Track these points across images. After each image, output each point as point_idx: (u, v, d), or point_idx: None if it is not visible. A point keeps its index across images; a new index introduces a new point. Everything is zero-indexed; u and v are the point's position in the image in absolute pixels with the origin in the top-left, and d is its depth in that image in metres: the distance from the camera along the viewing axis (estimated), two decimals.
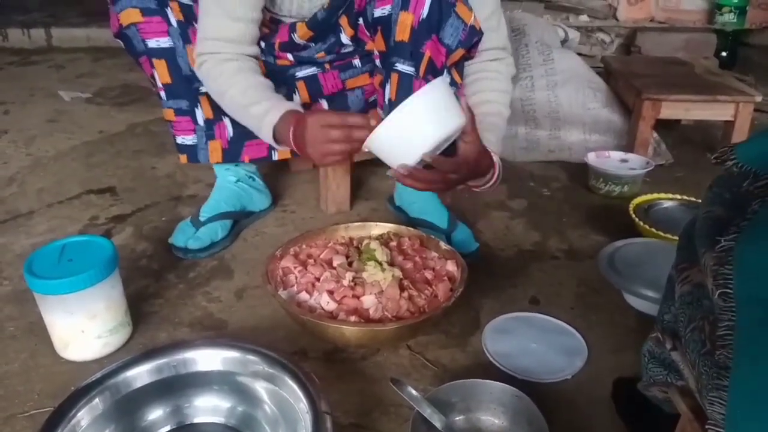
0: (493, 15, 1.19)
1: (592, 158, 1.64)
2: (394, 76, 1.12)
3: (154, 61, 1.19)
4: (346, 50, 1.28)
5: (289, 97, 1.28)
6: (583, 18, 2.59)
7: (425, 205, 1.40)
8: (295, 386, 0.78)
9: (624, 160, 1.66)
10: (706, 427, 0.54)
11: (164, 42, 1.18)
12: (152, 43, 1.18)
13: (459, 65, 1.17)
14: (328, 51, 1.26)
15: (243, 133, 1.27)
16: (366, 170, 1.68)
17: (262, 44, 1.22)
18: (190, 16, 1.20)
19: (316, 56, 1.26)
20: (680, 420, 0.69)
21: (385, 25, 1.11)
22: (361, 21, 1.19)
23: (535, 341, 1.05)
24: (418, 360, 1.02)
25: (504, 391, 0.87)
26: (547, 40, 1.89)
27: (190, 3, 1.20)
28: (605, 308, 1.16)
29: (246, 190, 1.43)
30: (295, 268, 1.11)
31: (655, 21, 2.65)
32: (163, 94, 1.23)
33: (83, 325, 0.98)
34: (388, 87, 1.14)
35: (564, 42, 2.11)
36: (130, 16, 1.16)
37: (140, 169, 1.74)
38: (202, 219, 1.33)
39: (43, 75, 2.70)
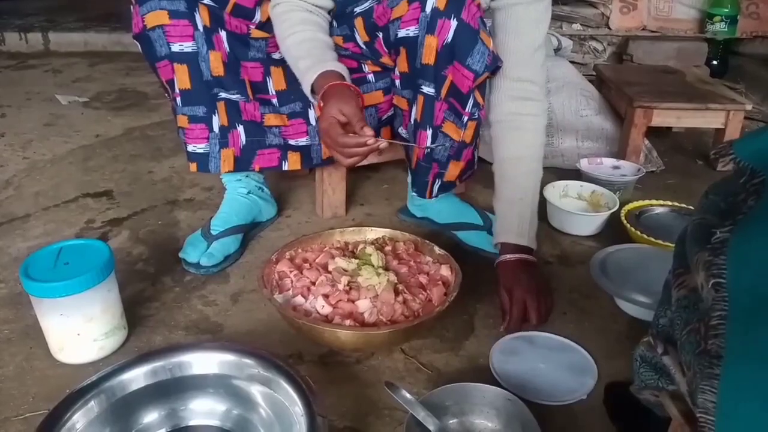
0: (540, 49, 1.21)
1: (584, 165, 1.66)
2: (420, 98, 1.17)
3: (176, 65, 1.18)
4: (357, 55, 1.28)
5: (304, 113, 1.30)
6: (576, 26, 2.62)
7: (454, 208, 1.42)
8: (290, 389, 0.79)
9: (616, 167, 1.68)
10: (697, 415, 0.54)
11: (188, 46, 1.17)
12: (176, 47, 1.17)
13: (481, 87, 1.18)
14: (345, 39, 1.27)
15: (256, 141, 1.29)
16: (361, 175, 1.70)
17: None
18: (217, 23, 1.20)
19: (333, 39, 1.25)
20: (671, 424, 0.70)
21: (410, 46, 1.13)
22: (380, 35, 1.20)
23: (542, 361, 1.02)
24: (413, 364, 1.03)
25: (497, 395, 0.88)
26: None
27: (219, 9, 1.20)
28: (597, 314, 1.17)
29: (256, 202, 1.41)
30: (290, 272, 1.12)
31: (647, 30, 2.68)
32: (179, 100, 1.22)
33: (79, 328, 0.99)
34: (414, 108, 1.19)
35: (557, 50, 2.13)
36: (157, 17, 1.15)
37: (137, 173, 1.75)
38: (213, 233, 1.30)
39: (40, 79, 2.70)
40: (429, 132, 1.18)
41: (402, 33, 1.13)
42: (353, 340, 1.00)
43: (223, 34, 1.22)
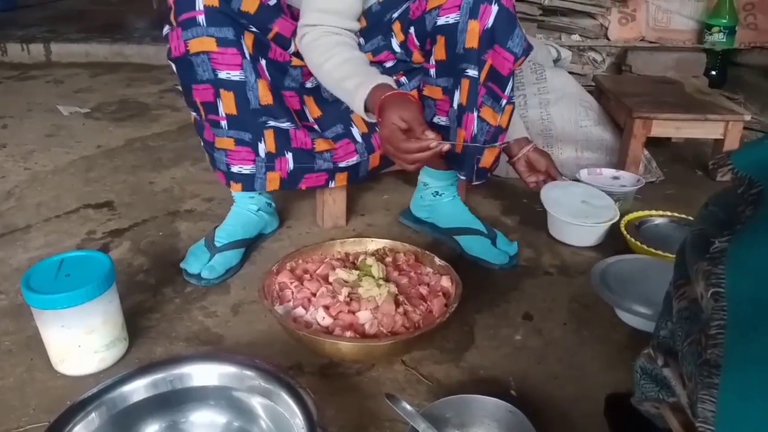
0: None
1: (584, 175, 1.66)
2: (465, 82, 1.17)
3: (222, 91, 1.17)
4: (390, 64, 1.29)
5: (347, 133, 1.31)
6: (575, 37, 2.62)
7: (460, 214, 1.43)
8: (291, 401, 0.79)
9: (616, 177, 1.68)
10: (697, 425, 0.54)
11: (236, 75, 1.16)
12: (223, 74, 1.16)
13: (514, 74, 1.21)
14: (374, 53, 1.28)
15: (304, 168, 1.30)
16: (361, 186, 1.70)
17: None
18: (259, 51, 1.20)
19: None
20: None
21: (450, 33, 1.15)
22: (412, 30, 1.22)
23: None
24: (413, 375, 1.03)
25: (498, 407, 0.88)
26: (540, 60, 1.92)
27: (263, 36, 1.20)
28: (598, 324, 1.17)
29: (263, 218, 1.41)
30: (291, 283, 1.12)
31: (646, 40, 2.69)
32: (223, 123, 1.21)
33: (80, 339, 0.99)
34: (457, 93, 1.20)
35: (556, 61, 2.14)
36: (203, 44, 1.13)
37: (138, 183, 1.75)
38: (217, 244, 1.30)
39: (42, 90, 2.71)
40: (475, 114, 1.19)
41: (441, 21, 1.14)
42: (354, 351, 1.00)
43: (263, 62, 1.21)
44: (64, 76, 2.90)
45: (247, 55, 1.17)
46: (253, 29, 1.19)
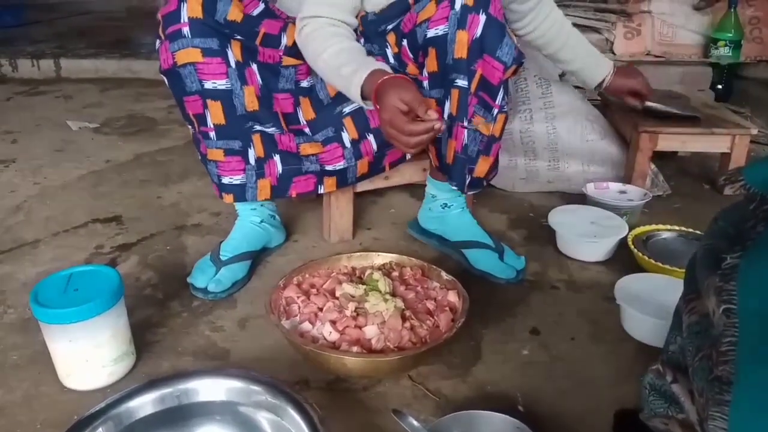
0: None
1: (590, 189, 1.66)
2: (455, 92, 1.18)
3: (209, 101, 1.19)
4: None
5: (338, 137, 1.32)
6: None
7: (468, 227, 1.43)
8: (297, 417, 0.79)
9: (622, 192, 1.68)
10: None
11: (222, 84, 1.18)
12: (209, 84, 1.17)
13: (506, 83, 1.22)
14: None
15: (292, 170, 1.30)
16: (367, 200, 1.70)
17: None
18: (248, 56, 1.21)
19: None
20: None
21: (440, 44, 1.16)
22: (405, 43, 1.23)
23: None
24: (420, 390, 1.03)
25: (505, 423, 0.88)
26: (546, 74, 1.93)
27: (251, 42, 1.21)
28: (605, 339, 1.16)
29: (267, 230, 1.42)
30: (298, 297, 1.12)
31: (651, 55, 2.70)
32: (212, 134, 1.23)
33: (88, 354, 0.99)
34: (447, 103, 1.21)
35: (562, 75, 2.15)
36: (189, 55, 1.15)
37: (146, 198, 1.76)
38: (223, 258, 1.31)
39: (51, 105, 2.74)
40: (465, 124, 1.20)
41: (431, 33, 1.16)
42: (360, 366, 1.00)
43: (254, 66, 1.23)
44: (73, 92, 2.94)
45: (233, 64, 1.19)
46: (239, 37, 1.20)
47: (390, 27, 1.26)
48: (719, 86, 2.68)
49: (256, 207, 1.41)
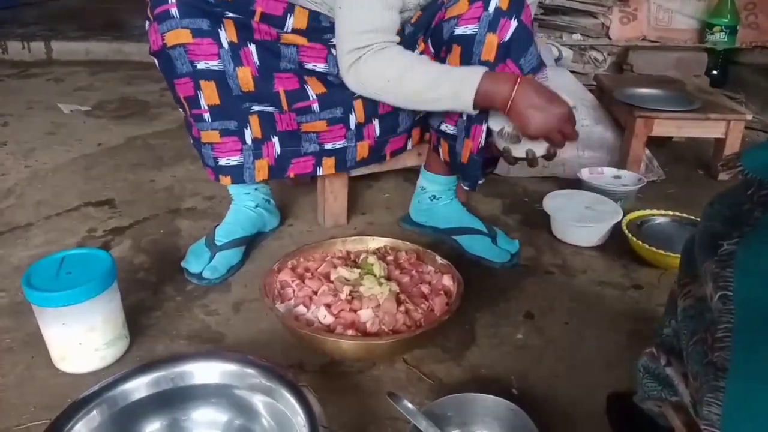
0: None
1: (585, 174, 1.66)
2: None
3: (202, 82, 1.16)
4: None
5: (344, 119, 1.30)
6: (576, 36, 2.62)
7: (459, 214, 1.43)
8: (292, 400, 0.79)
9: (617, 177, 1.68)
10: (702, 427, 0.54)
11: (214, 65, 1.15)
12: (201, 65, 1.15)
13: None
14: None
15: (291, 151, 1.29)
16: (362, 184, 1.70)
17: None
18: (244, 35, 1.18)
19: None
20: None
21: (466, 43, 1.15)
22: (429, 38, 1.22)
23: None
24: (414, 374, 1.03)
25: (498, 405, 0.88)
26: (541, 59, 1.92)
27: (246, 20, 1.17)
28: (598, 323, 1.17)
29: (262, 214, 1.41)
30: (292, 281, 1.12)
31: (647, 40, 2.69)
32: (207, 116, 1.20)
33: (81, 337, 0.99)
34: None
35: (558, 60, 2.14)
36: (179, 36, 1.12)
37: (138, 182, 1.75)
38: (218, 243, 1.30)
39: (42, 87, 2.71)
40: (483, 126, 1.19)
41: (459, 30, 1.15)
42: (355, 349, 1.00)
43: (252, 47, 1.19)
44: (64, 74, 2.90)
45: (225, 45, 1.16)
46: (232, 15, 1.16)
47: (422, 33, 1.25)
48: (714, 72, 2.68)
49: (251, 191, 1.40)
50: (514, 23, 1.11)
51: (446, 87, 1.13)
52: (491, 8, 1.11)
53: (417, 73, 1.15)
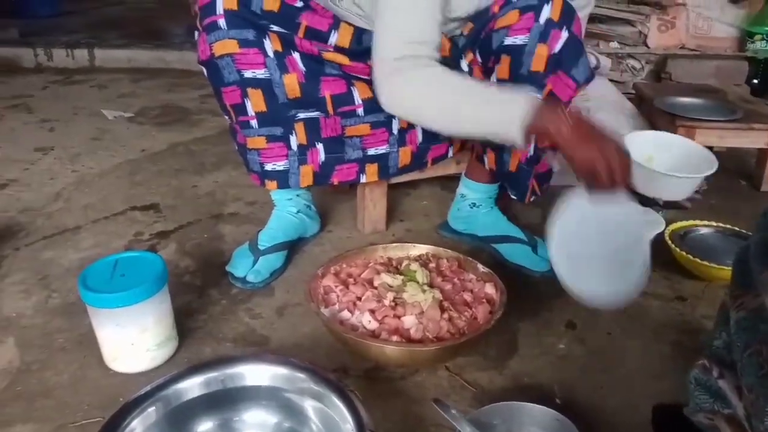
0: None
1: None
2: None
3: (249, 90, 1.19)
4: None
5: (387, 123, 1.30)
6: (614, 45, 2.61)
7: (499, 223, 1.44)
8: (341, 405, 0.80)
9: None
10: None
11: (261, 73, 1.18)
12: (248, 73, 1.18)
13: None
14: None
15: (334, 158, 1.31)
16: (400, 192, 1.71)
17: None
18: (288, 46, 1.20)
19: None
20: None
21: (516, 54, 1.15)
22: (477, 47, 1.22)
23: None
24: (457, 381, 1.04)
25: (545, 414, 0.88)
26: None
27: (290, 33, 1.19)
28: (641, 335, 1.16)
29: (303, 220, 1.44)
30: (336, 287, 1.13)
31: (686, 48, 2.66)
32: (254, 122, 1.23)
33: (133, 338, 1.02)
34: None
35: (596, 69, 2.13)
36: (226, 46, 1.15)
37: (181, 187, 1.79)
38: (261, 247, 1.33)
39: (86, 94, 2.79)
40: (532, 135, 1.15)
41: (509, 41, 1.14)
42: (399, 356, 1.01)
43: (296, 55, 1.21)
44: (107, 81, 2.98)
45: (271, 54, 1.18)
46: (276, 29, 1.18)
47: (470, 43, 1.24)
48: (755, 81, 2.63)
49: (293, 197, 1.42)
50: (564, 34, 1.11)
51: (484, 113, 1.07)
52: (542, 19, 1.11)
53: (451, 99, 1.09)
